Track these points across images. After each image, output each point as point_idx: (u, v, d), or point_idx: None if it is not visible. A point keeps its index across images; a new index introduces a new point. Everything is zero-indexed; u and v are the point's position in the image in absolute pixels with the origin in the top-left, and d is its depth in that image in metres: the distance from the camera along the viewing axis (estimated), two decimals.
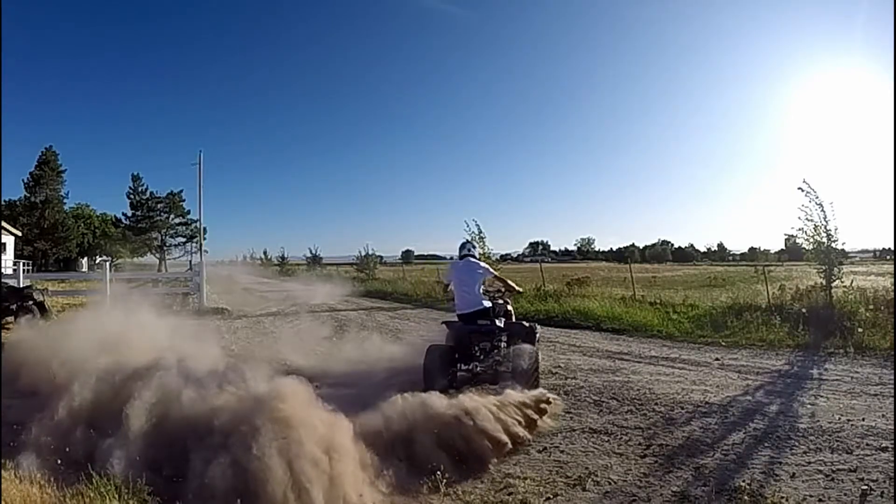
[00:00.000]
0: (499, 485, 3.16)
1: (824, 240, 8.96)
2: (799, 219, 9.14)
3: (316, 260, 33.68)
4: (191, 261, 30.73)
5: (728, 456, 3.55)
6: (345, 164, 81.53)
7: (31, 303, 8.15)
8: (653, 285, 16.36)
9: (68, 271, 28.53)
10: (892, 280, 9.24)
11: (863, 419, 4.17)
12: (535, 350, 4.82)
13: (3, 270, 18.60)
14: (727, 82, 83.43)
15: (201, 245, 21.41)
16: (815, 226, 9.02)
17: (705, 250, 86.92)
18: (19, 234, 33.38)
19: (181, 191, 39.72)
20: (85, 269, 36.51)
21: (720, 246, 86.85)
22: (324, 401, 3.62)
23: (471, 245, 5.50)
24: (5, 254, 28.72)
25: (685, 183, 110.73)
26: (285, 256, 39.43)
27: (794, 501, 2.92)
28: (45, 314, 8.21)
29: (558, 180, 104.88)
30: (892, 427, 3.91)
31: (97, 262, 38.87)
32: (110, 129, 64.37)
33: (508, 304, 5.47)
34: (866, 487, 3.03)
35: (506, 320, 5.23)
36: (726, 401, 4.79)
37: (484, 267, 5.27)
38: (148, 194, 40.08)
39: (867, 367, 6.01)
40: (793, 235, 9.71)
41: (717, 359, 6.67)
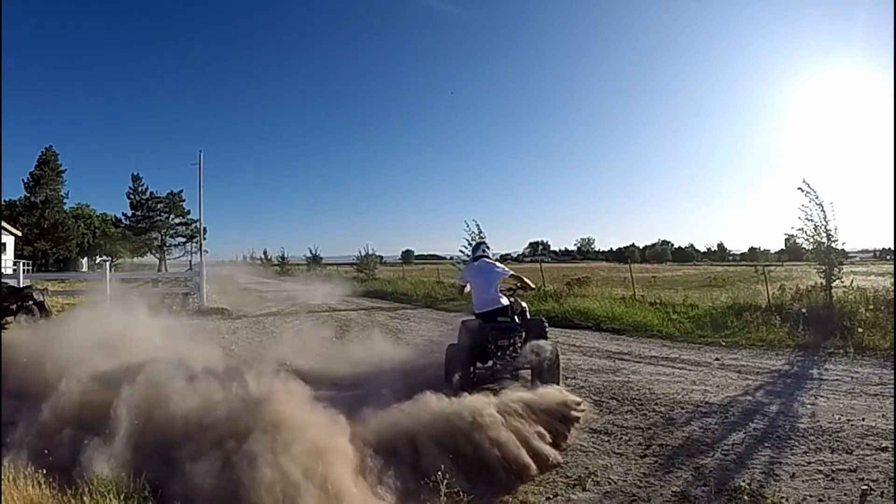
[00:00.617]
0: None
1: (824, 240, 8.97)
2: (799, 219, 9.18)
3: (316, 260, 33.61)
4: (191, 261, 30.70)
5: (728, 456, 3.55)
6: (345, 164, 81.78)
7: (31, 303, 8.15)
8: (653, 285, 16.35)
9: (68, 271, 28.48)
10: (892, 280, 9.24)
11: (863, 419, 4.17)
12: (554, 346, 4.91)
13: (3, 270, 18.60)
14: (727, 82, 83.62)
15: (201, 245, 21.32)
16: (815, 226, 9.03)
17: (705, 250, 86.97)
18: (19, 234, 33.36)
19: (181, 191, 39.60)
20: (85, 269, 36.50)
21: (720, 246, 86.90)
22: (324, 403, 3.62)
23: (485, 246, 5.73)
24: (5, 254, 28.71)
25: (685, 183, 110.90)
26: (285, 256, 39.43)
27: (794, 501, 2.92)
28: (45, 314, 8.21)
29: (558, 180, 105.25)
30: (892, 427, 3.91)
31: (97, 262, 38.86)
32: (110, 129, 64.33)
33: (523, 302, 5.55)
34: (866, 487, 3.03)
35: (521, 318, 5.31)
36: (726, 401, 4.79)
37: (501, 266, 5.43)
38: (148, 194, 39.95)
39: (867, 367, 6.01)
40: (793, 235, 9.75)
41: (717, 359, 6.67)
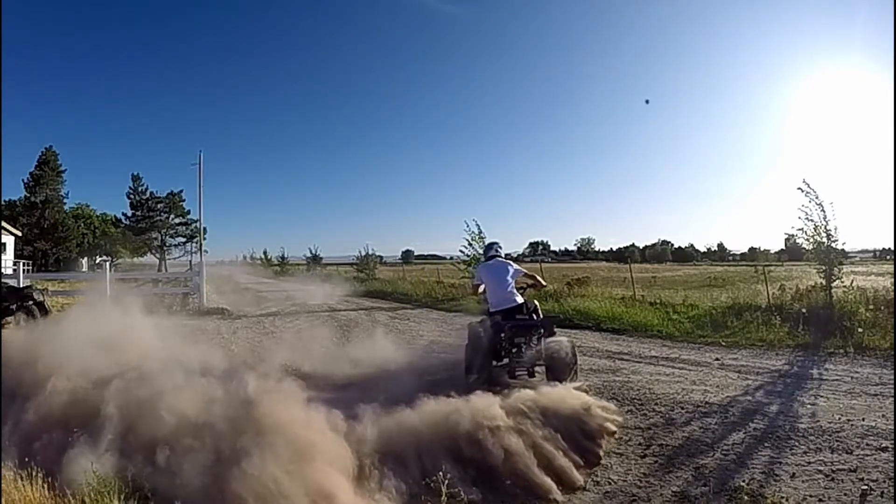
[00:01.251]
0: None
1: (824, 240, 8.96)
2: (799, 219, 9.17)
3: (316, 260, 33.62)
4: (191, 261, 30.75)
5: (728, 456, 3.55)
6: (345, 164, 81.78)
7: (31, 303, 8.14)
8: (653, 285, 16.37)
9: (68, 271, 28.48)
10: (892, 280, 9.24)
11: (863, 419, 4.17)
12: (571, 342, 4.93)
13: (3, 270, 18.60)
14: (727, 82, 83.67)
15: (201, 245, 21.41)
16: (815, 226, 9.02)
17: (705, 250, 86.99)
18: (19, 234, 33.36)
19: (181, 191, 39.71)
20: (85, 269, 36.50)
21: (720, 246, 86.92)
22: (323, 404, 3.60)
23: (497, 246, 5.80)
24: (5, 254, 28.70)
25: (685, 183, 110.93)
26: (285, 256, 39.46)
27: (794, 501, 2.92)
28: (45, 314, 8.20)
29: (558, 180, 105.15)
30: (892, 427, 3.91)
31: (97, 262, 38.87)
32: (110, 129, 64.39)
33: (535, 300, 5.59)
34: (866, 487, 3.03)
35: (534, 315, 5.35)
36: (726, 401, 4.79)
37: (515, 266, 5.50)
38: (148, 194, 40.02)
39: (867, 367, 6.01)
40: (793, 235, 9.75)
41: (717, 359, 6.66)
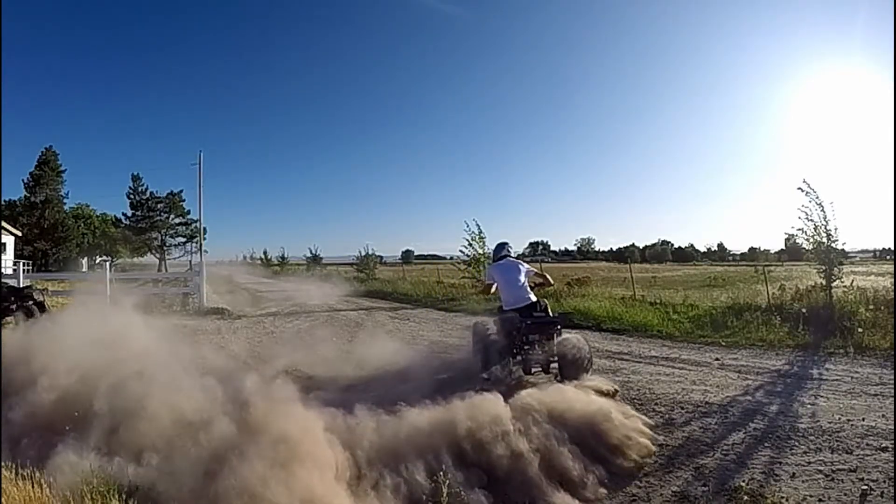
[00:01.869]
0: None
1: (824, 240, 8.96)
2: (799, 219, 9.17)
3: (316, 260, 33.67)
4: (191, 261, 30.75)
5: (728, 456, 3.55)
6: (345, 164, 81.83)
7: (31, 303, 8.14)
8: (653, 285, 16.36)
9: (68, 271, 28.47)
10: (892, 280, 9.25)
11: (863, 419, 4.17)
12: (582, 339, 5.06)
13: (3, 270, 18.60)
14: (727, 82, 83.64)
15: (201, 245, 21.33)
16: (815, 226, 9.02)
17: (705, 250, 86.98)
18: (19, 234, 33.35)
19: (181, 191, 39.67)
20: (85, 269, 36.49)
21: (720, 246, 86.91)
22: (322, 405, 3.61)
23: (508, 246, 5.91)
24: (5, 254, 28.69)
25: (685, 183, 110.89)
26: (285, 256, 39.50)
27: (794, 501, 2.93)
28: (45, 314, 8.20)
29: (558, 180, 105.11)
30: (892, 427, 3.91)
31: (97, 262, 38.87)
32: (110, 129, 64.43)
33: (543, 298, 5.68)
34: (866, 487, 3.04)
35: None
36: (726, 401, 4.79)
37: (526, 265, 5.64)
38: (148, 194, 39.99)
39: (867, 367, 6.01)
40: (793, 235, 9.74)
41: (717, 359, 6.66)
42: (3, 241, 28.43)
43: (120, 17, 58.50)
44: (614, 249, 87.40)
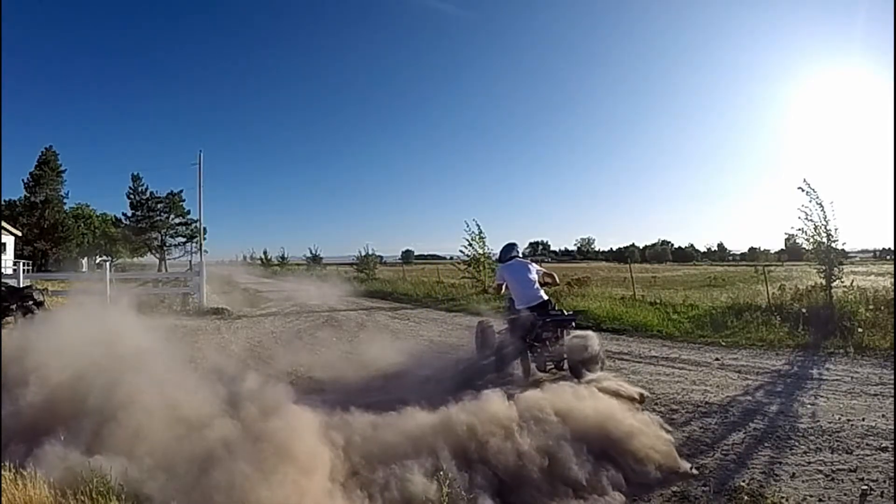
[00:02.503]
0: None
1: (824, 240, 8.97)
2: (799, 219, 9.17)
3: (316, 260, 33.72)
4: (191, 261, 30.73)
5: (728, 456, 3.55)
6: (344, 164, 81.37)
7: (31, 303, 8.15)
8: (653, 285, 16.38)
9: (68, 271, 28.47)
10: (892, 280, 9.25)
11: (863, 419, 4.17)
12: (594, 335, 5.12)
13: (3, 270, 18.60)
14: (727, 82, 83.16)
15: (201, 245, 21.35)
16: (815, 226, 9.03)
17: (705, 250, 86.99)
18: (19, 234, 33.36)
19: (181, 191, 39.60)
20: (85, 269, 36.49)
21: (720, 246, 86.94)
22: (321, 406, 3.60)
23: (516, 247, 5.99)
24: (5, 254, 28.70)
25: (685, 183, 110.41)
26: (285, 256, 39.55)
27: (794, 501, 2.92)
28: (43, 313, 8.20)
29: (558, 180, 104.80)
30: (892, 427, 3.91)
31: (97, 262, 38.86)
32: (110, 129, 64.15)
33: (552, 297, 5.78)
34: (866, 487, 3.03)
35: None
36: (726, 401, 4.79)
37: (535, 265, 5.72)
38: (148, 194, 39.94)
39: (867, 367, 6.01)
40: (793, 235, 9.75)
41: (717, 359, 6.66)
42: (3, 241, 28.44)
43: (120, 18, 58.55)
44: (614, 249, 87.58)
